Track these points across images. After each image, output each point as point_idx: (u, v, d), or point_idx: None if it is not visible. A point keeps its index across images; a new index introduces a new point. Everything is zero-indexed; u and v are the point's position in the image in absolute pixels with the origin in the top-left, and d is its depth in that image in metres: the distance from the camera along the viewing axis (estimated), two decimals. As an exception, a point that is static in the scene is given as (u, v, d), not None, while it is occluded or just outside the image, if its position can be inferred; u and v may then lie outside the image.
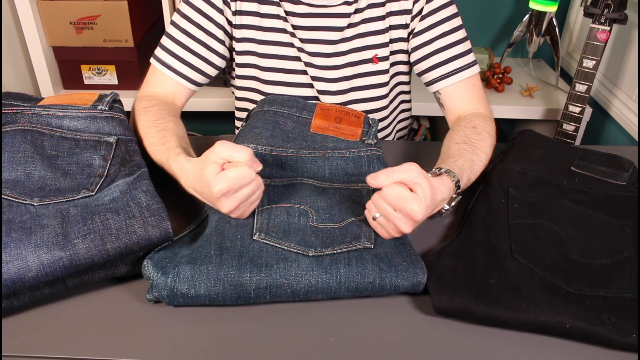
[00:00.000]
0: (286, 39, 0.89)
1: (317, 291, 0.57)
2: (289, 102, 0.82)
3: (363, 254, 0.59)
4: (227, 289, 0.55)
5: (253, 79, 0.93)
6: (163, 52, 0.88)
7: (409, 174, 0.60)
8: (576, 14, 1.73)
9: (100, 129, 0.71)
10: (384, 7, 0.88)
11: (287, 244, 0.60)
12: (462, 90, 0.89)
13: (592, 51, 1.32)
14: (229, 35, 0.89)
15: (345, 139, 0.79)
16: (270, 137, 0.76)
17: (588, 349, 0.54)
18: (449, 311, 0.56)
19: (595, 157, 0.79)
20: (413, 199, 0.59)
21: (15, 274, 0.52)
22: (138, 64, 1.55)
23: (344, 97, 0.92)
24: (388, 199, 0.60)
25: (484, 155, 0.77)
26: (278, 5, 0.88)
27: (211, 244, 0.59)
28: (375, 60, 0.90)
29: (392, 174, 0.61)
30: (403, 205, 0.59)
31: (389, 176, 0.61)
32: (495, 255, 0.62)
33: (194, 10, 0.87)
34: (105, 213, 0.58)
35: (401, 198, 0.60)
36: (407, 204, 0.59)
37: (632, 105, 1.38)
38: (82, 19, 1.47)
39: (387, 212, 0.61)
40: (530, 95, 1.62)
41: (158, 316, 0.56)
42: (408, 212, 0.59)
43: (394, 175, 0.61)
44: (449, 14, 0.88)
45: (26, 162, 0.64)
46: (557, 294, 0.57)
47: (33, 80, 1.61)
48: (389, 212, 0.61)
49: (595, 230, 0.67)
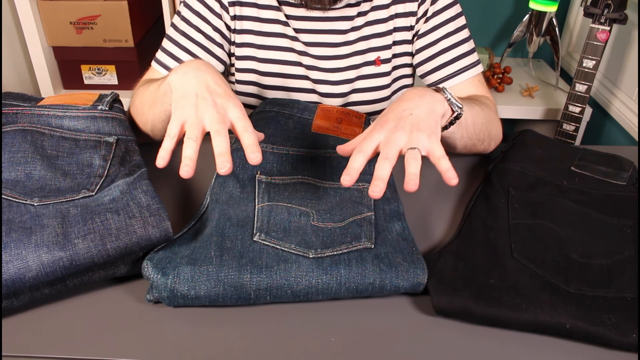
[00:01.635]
0: (286, 43, 0.89)
1: (317, 292, 0.57)
2: (290, 104, 0.82)
3: (363, 254, 0.59)
4: (227, 290, 0.55)
5: (253, 84, 0.93)
6: (162, 54, 0.88)
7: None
8: (576, 14, 1.73)
9: (100, 129, 0.71)
10: (388, 10, 0.88)
11: (288, 245, 0.60)
12: (466, 89, 0.89)
13: (592, 51, 1.33)
14: (228, 40, 0.89)
15: (346, 138, 0.79)
16: (271, 135, 0.76)
17: (588, 349, 0.54)
18: (449, 311, 0.56)
19: (595, 157, 0.79)
20: (374, 127, 0.63)
21: (15, 274, 0.52)
22: (138, 64, 1.55)
23: (345, 100, 0.92)
24: (369, 148, 0.62)
25: (480, 103, 0.79)
26: (278, 9, 0.87)
27: (211, 244, 0.59)
28: (378, 62, 0.91)
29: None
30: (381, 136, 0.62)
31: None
32: (495, 255, 0.62)
33: (192, 14, 0.87)
34: (105, 213, 0.58)
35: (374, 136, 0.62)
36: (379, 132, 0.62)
37: (632, 105, 1.38)
38: (82, 19, 1.47)
39: (392, 152, 0.60)
40: (530, 95, 1.62)
41: (158, 316, 0.56)
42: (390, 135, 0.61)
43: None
44: (453, 14, 0.89)
45: (26, 162, 0.64)
46: (557, 294, 0.57)
47: (33, 80, 1.61)
48: (392, 152, 0.60)
49: (595, 230, 0.67)
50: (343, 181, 0.59)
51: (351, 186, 0.59)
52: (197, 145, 0.58)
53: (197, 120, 0.60)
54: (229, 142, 0.58)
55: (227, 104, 0.62)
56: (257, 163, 0.58)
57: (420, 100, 0.65)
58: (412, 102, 0.65)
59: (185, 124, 0.60)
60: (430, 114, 0.64)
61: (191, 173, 0.56)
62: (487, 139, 0.82)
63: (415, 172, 0.57)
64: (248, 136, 0.59)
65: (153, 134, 0.80)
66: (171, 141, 0.59)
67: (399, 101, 0.67)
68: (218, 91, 0.62)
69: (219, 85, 0.63)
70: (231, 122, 0.61)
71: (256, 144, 0.59)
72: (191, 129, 0.59)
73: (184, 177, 0.56)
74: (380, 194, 0.57)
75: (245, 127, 0.60)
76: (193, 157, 0.56)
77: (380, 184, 0.57)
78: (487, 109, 0.82)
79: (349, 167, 0.60)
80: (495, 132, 0.84)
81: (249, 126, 0.60)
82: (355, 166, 0.60)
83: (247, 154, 0.58)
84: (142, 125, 0.80)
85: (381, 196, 0.57)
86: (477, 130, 0.78)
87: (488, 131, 0.81)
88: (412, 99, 0.66)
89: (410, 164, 0.58)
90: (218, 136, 0.58)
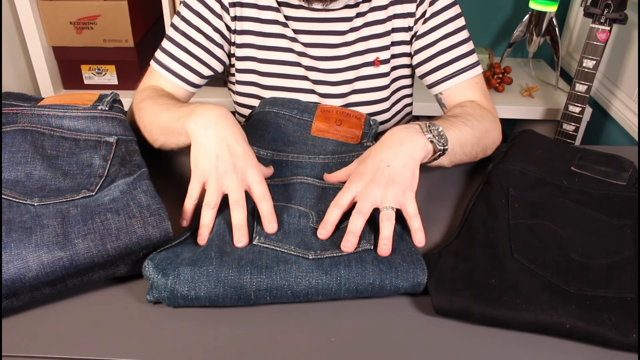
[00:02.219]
0: (285, 44, 0.89)
1: (317, 292, 0.57)
2: (290, 104, 0.82)
3: (363, 255, 0.59)
4: (227, 291, 0.55)
5: (253, 84, 0.93)
6: (162, 54, 0.88)
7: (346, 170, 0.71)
8: (576, 14, 1.73)
9: (100, 129, 0.71)
10: (386, 11, 0.88)
11: (287, 247, 0.60)
12: (465, 91, 0.89)
13: (592, 51, 1.33)
14: (228, 41, 0.89)
15: (346, 141, 0.79)
16: (271, 141, 0.76)
17: (588, 349, 0.54)
18: (449, 311, 0.56)
19: (595, 157, 0.79)
20: (353, 178, 0.65)
21: (15, 274, 0.52)
22: (138, 64, 1.55)
23: (345, 100, 0.92)
24: (343, 203, 0.64)
25: (472, 119, 0.79)
26: (277, 10, 0.87)
27: (212, 246, 0.59)
28: (377, 63, 0.90)
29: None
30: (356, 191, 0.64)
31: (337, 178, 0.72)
32: (495, 255, 0.62)
33: (193, 14, 0.87)
34: (105, 213, 0.58)
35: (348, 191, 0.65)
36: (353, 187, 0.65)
37: (632, 105, 1.38)
38: (82, 19, 1.47)
39: (365, 209, 0.63)
40: (530, 95, 1.62)
41: (158, 317, 0.56)
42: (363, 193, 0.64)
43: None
44: (452, 14, 0.88)
45: (26, 162, 0.64)
46: (557, 294, 0.57)
47: (33, 80, 1.61)
48: (366, 209, 0.63)
49: (595, 230, 0.67)
50: (319, 234, 0.62)
51: (328, 238, 0.62)
52: (214, 212, 0.63)
53: (217, 185, 0.63)
54: (246, 215, 0.61)
55: (246, 167, 0.64)
56: (273, 232, 0.62)
57: (399, 149, 0.66)
58: (391, 152, 0.66)
59: (206, 185, 0.63)
60: (408, 164, 0.65)
61: (207, 239, 0.61)
62: (480, 153, 0.82)
63: (389, 237, 0.61)
64: (265, 205, 0.63)
65: (160, 148, 0.80)
66: (193, 202, 0.64)
67: (379, 147, 0.68)
68: (237, 152, 0.64)
69: (238, 144, 0.65)
70: (249, 186, 0.64)
71: (272, 214, 0.62)
72: (210, 196, 0.63)
73: (200, 244, 0.61)
74: (352, 249, 0.60)
75: (262, 194, 0.63)
76: (210, 225, 0.62)
77: (352, 239, 0.60)
78: (481, 122, 0.80)
79: (325, 220, 0.63)
80: (490, 142, 0.83)
81: (266, 192, 0.63)
82: (331, 220, 0.63)
83: (264, 223, 0.62)
84: (149, 141, 0.79)
85: (353, 250, 0.60)
86: (467, 151, 0.78)
87: (481, 147, 0.80)
88: (392, 146, 0.67)
89: (384, 227, 0.61)
90: (237, 208, 0.62)
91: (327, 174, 0.73)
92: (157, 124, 0.75)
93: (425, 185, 0.77)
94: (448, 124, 0.73)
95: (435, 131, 0.70)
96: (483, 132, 0.80)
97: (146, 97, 0.82)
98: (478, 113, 0.82)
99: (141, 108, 0.80)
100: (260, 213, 0.63)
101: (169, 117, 0.72)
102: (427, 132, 0.69)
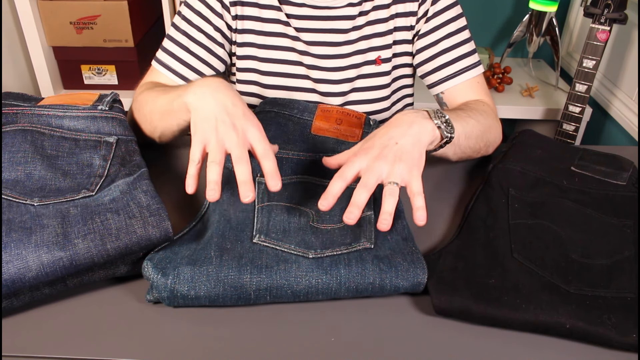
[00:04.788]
0: (287, 43, 0.89)
1: (317, 292, 0.57)
2: (290, 104, 0.82)
3: (363, 254, 0.59)
4: (227, 291, 0.55)
5: (254, 83, 0.93)
6: (163, 54, 0.88)
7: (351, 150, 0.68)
8: (576, 14, 1.73)
9: (100, 129, 0.71)
10: (389, 10, 0.88)
11: (287, 246, 0.60)
12: (466, 90, 0.89)
13: (592, 51, 1.33)
14: (229, 40, 0.89)
15: (346, 140, 0.79)
16: (271, 139, 0.76)
17: (588, 349, 0.54)
18: (449, 311, 0.56)
19: (595, 157, 0.79)
20: (357, 155, 0.64)
21: (15, 274, 0.52)
22: (138, 64, 1.55)
23: (345, 99, 0.92)
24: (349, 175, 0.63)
25: (477, 113, 0.79)
26: (279, 9, 0.87)
27: (211, 245, 0.59)
28: (378, 61, 0.91)
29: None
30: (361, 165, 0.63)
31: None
32: (495, 255, 0.62)
33: (194, 13, 0.87)
34: (105, 213, 0.58)
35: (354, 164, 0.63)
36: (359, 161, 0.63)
37: (632, 105, 1.38)
38: (82, 19, 1.47)
39: (370, 183, 0.61)
40: (530, 95, 1.62)
41: (158, 316, 0.56)
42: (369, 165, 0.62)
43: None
44: (454, 14, 0.88)
45: (26, 162, 0.64)
46: (557, 294, 0.57)
47: (33, 80, 1.61)
48: (371, 182, 0.61)
49: (595, 230, 0.67)
50: (320, 206, 0.61)
51: (329, 209, 0.61)
52: (221, 168, 0.60)
53: (218, 144, 0.61)
54: (250, 169, 0.60)
55: (247, 126, 0.63)
56: (277, 190, 0.60)
57: (407, 129, 0.66)
58: (400, 130, 0.66)
59: (207, 147, 0.62)
60: (416, 145, 0.65)
61: (218, 196, 0.59)
62: (483, 148, 0.82)
63: (390, 211, 0.59)
64: (268, 162, 0.61)
65: (160, 141, 0.81)
66: (196, 167, 0.62)
67: (388, 126, 0.67)
68: (237, 113, 0.64)
69: (236, 107, 0.64)
70: (250, 144, 0.63)
71: (276, 171, 0.61)
72: (214, 153, 0.61)
73: (211, 201, 0.59)
74: (354, 221, 0.59)
75: (265, 151, 0.62)
76: (218, 180, 0.59)
77: (355, 211, 0.59)
78: (485, 118, 0.81)
79: (327, 191, 0.61)
80: (493, 138, 0.84)
81: (269, 150, 0.62)
82: (334, 192, 0.61)
83: (267, 180, 0.61)
84: (148, 132, 0.80)
85: (355, 223, 0.59)
86: (472, 143, 0.78)
87: (484, 141, 0.81)
88: (401, 126, 0.66)
89: (386, 201, 0.60)
90: (240, 164, 0.60)
91: (326, 158, 0.71)
92: (156, 109, 0.75)
93: (425, 185, 0.77)
94: (454, 115, 0.74)
95: (443, 118, 0.69)
96: (487, 127, 0.80)
97: (144, 90, 0.83)
98: (482, 109, 0.83)
99: (139, 100, 0.81)
100: (263, 170, 0.61)
101: (167, 99, 0.73)
102: (435, 118, 0.69)
